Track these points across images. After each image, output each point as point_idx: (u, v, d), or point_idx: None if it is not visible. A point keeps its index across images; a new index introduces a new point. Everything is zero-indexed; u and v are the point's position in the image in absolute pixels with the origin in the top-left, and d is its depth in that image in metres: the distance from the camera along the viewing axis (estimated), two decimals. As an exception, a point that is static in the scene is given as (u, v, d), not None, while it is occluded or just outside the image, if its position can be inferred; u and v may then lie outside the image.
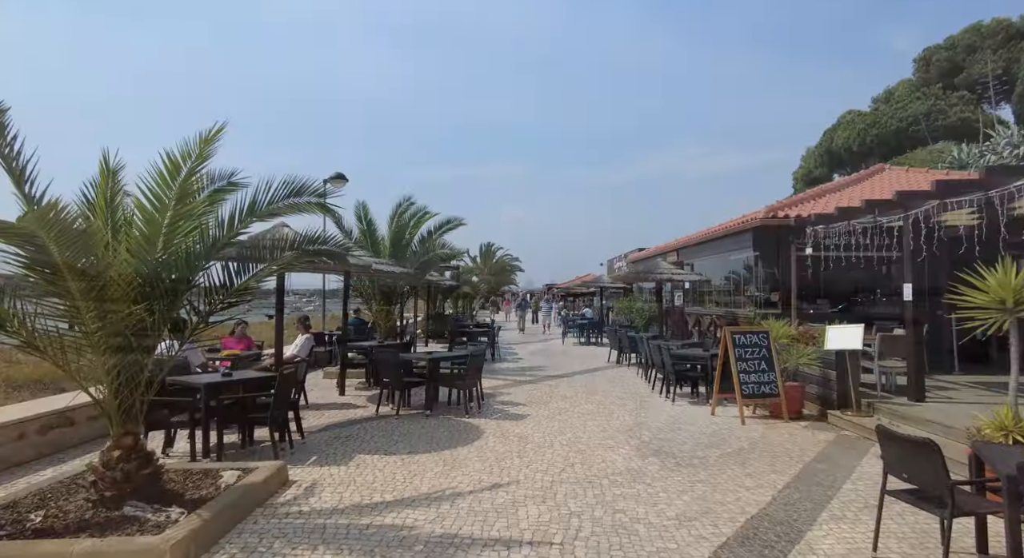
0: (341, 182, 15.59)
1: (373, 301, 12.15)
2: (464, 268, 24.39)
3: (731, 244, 12.76)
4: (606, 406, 8.87)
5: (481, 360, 8.40)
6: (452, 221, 12.60)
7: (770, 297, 11.74)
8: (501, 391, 10.22)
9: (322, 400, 9.24)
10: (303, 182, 4.39)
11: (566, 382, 11.29)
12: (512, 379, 11.67)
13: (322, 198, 4.54)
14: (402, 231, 12.16)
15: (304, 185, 4.41)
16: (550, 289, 66.69)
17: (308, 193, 4.47)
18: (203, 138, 3.98)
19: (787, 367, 8.14)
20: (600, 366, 13.83)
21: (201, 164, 4.15)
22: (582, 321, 21.53)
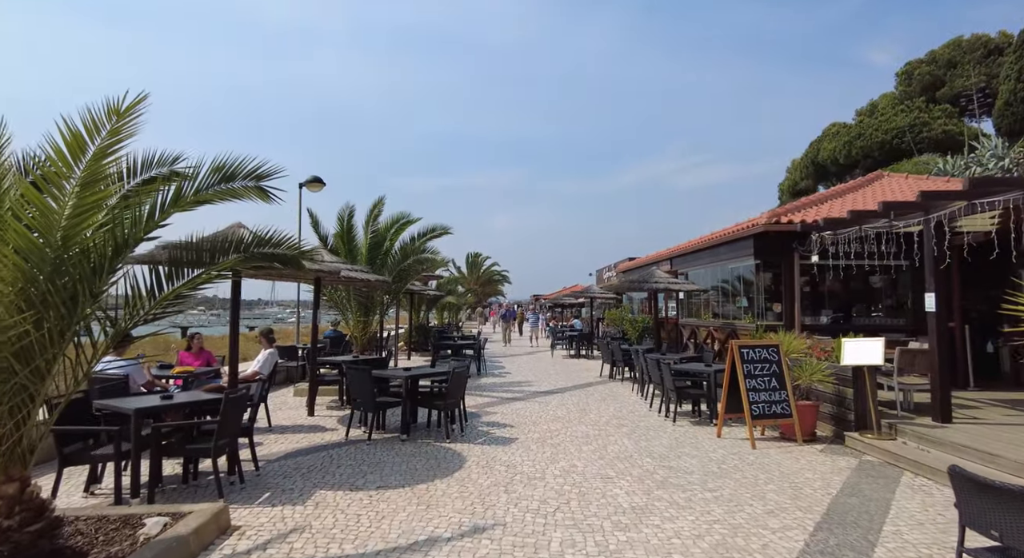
0: (318, 186, 14.79)
1: (349, 312, 11.30)
2: (450, 278, 23.57)
3: (730, 252, 12.13)
4: (601, 427, 8.10)
5: (464, 377, 7.61)
6: (436, 229, 11.84)
7: (772, 308, 11.10)
8: (487, 410, 9.41)
9: (288, 422, 8.36)
10: (237, 162, 3.60)
11: (557, 399, 10.51)
12: (499, 396, 10.86)
13: (260, 180, 3.74)
14: (380, 237, 11.35)
15: (238, 167, 3.61)
16: (537, 300, 66.07)
17: (244, 177, 3.67)
18: (114, 108, 3.18)
19: (799, 384, 7.44)
20: (592, 381, 13.07)
21: (116, 143, 3.35)
22: (571, 333, 20.78)
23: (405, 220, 11.46)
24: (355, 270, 8.39)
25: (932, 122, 55.15)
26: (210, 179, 3.56)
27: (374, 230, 11.30)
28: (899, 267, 11.04)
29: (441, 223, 11.79)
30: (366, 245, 11.26)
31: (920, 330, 10.42)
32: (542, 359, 18.34)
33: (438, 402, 7.19)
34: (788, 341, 7.72)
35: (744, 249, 11.35)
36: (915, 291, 11.22)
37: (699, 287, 11.87)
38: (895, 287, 11.83)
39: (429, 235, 11.75)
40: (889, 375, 7.63)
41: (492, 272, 58.70)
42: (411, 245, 11.48)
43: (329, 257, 8.71)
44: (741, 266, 11.86)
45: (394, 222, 11.39)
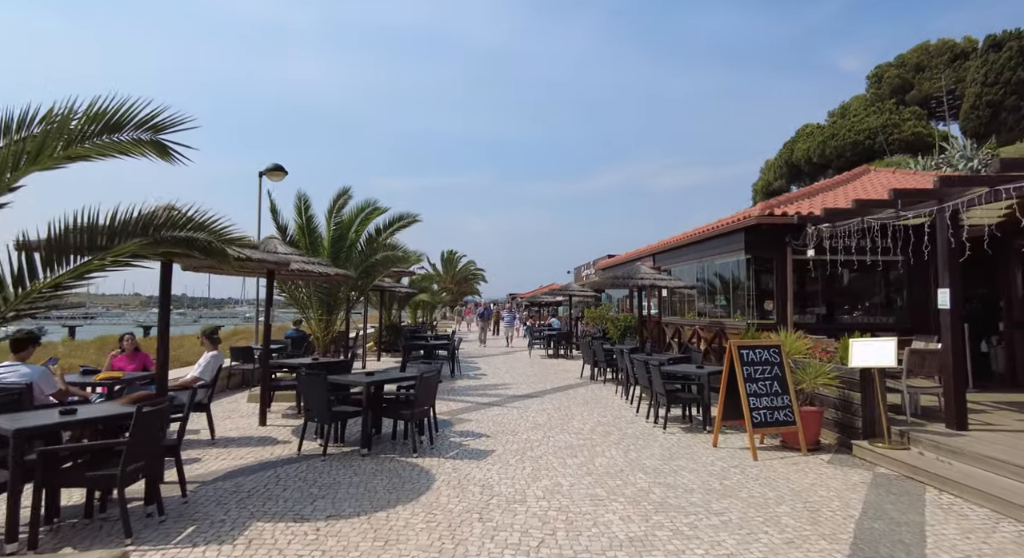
0: (279, 174, 13.77)
1: (311, 310, 10.35)
2: (424, 275, 22.64)
3: (718, 247, 11.53)
4: (586, 436, 7.37)
5: (434, 382, 6.79)
6: (404, 217, 10.94)
7: (763, 305, 10.53)
8: (460, 417, 8.60)
9: (235, 432, 7.41)
10: (125, 107, 2.72)
11: (536, 404, 9.75)
12: (474, 401, 10.06)
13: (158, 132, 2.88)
14: (344, 228, 10.41)
15: (127, 114, 2.74)
16: (514, 298, 65.30)
17: (136, 126, 2.80)
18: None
19: (802, 388, 6.81)
20: (573, 383, 12.35)
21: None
22: (549, 332, 20.07)
23: (371, 208, 10.53)
24: (311, 262, 7.48)
25: (902, 124, 56.09)
26: (87, 128, 2.67)
27: (337, 221, 10.35)
28: (892, 263, 10.59)
29: (409, 211, 10.92)
30: (329, 238, 10.31)
31: (919, 329, 9.96)
32: (519, 360, 17.58)
33: (404, 411, 6.35)
34: (790, 341, 7.09)
35: (734, 243, 10.76)
36: (911, 287, 10.79)
37: (687, 284, 11.26)
38: (884, 284, 11.39)
39: (397, 224, 10.85)
40: (895, 377, 7.06)
41: (468, 270, 57.67)
42: (377, 237, 10.56)
43: (284, 248, 7.79)
44: (730, 261, 11.27)
45: (359, 211, 10.45)
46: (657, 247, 15.42)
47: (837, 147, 56.50)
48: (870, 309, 11.45)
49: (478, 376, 13.34)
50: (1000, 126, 49.69)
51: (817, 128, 61.80)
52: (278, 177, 13.67)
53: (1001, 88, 49.80)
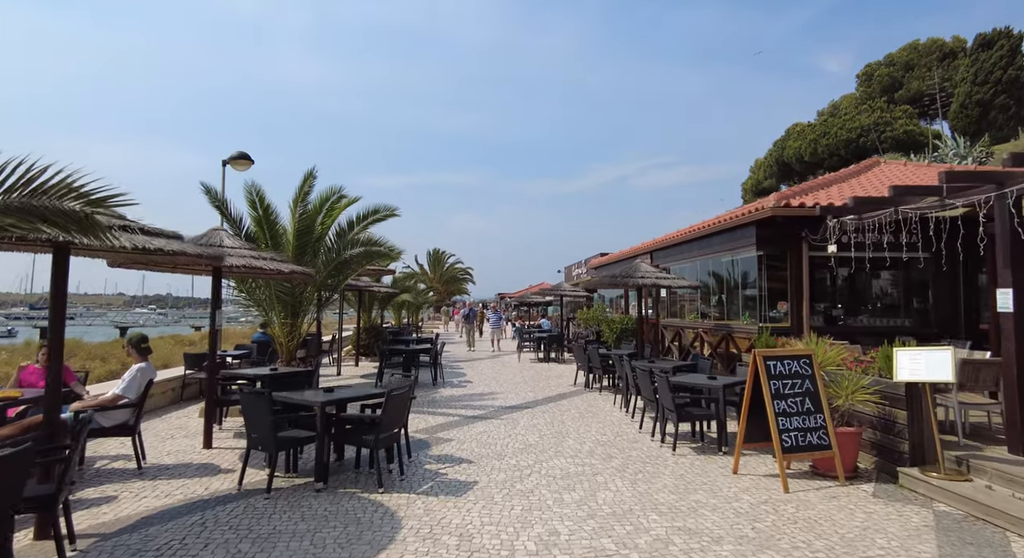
0: (245, 163, 12.60)
1: (273, 312, 9.22)
2: (407, 274, 21.47)
3: (725, 243, 10.55)
4: (585, 460, 6.33)
5: (406, 399, 5.72)
6: (380, 210, 9.82)
7: (777, 307, 9.57)
8: (440, 435, 7.53)
9: (172, 458, 6.28)
10: None
11: (526, 417, 8.69)
12: (456, 413, 8.99)
13: None
14: (310, 221, 9.27)
15: None
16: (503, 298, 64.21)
17: None
18: None
19: (837, 406, 5.83)
20: (565, 391, 11.32)
21: None
22: (540, 334, 19.03)
23: (338, 196, 9.39)
24: (261, 257, 6.36)
25: (893, 122, 55.81)
26: None
27: (302, 212, 9.21)
28: (915, 261, 9.69)
29: (386, 203, 9.80)
30: (293, 231, 9.18)
31: (946, 334, 9.06)
32: (508, 364, 16.52)
33: (367, 436, 5.26)
34: (821, 350, 6.10)
35: (744, 239, 9.79)
36: (937, 288, 9.88)
37: (691, 283, 10.28)
38: (905, 283, 10.49)
39: (372, 217, 9.73)
40: (941, 391, 6.10)
41: (456, 269, 56.58)
42: (349, 231, 9.42)
43: (232, 242, 6.66)
44: (740, 258, 10.30)
45: (324, 200, 9.31)
46: (655, 244, 14.45)
47: (829, 145, 56.04)
48: (883, 311, 10.55)
49: (463, 384, 12.27)
50: (990, 125, 49.52)
51: (808, 127, 61.37)
52: (243, 166, 12.49)
53: (991, 87, 49.63)
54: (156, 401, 9.20)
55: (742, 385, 7.18)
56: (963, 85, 52.05)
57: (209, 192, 8.67)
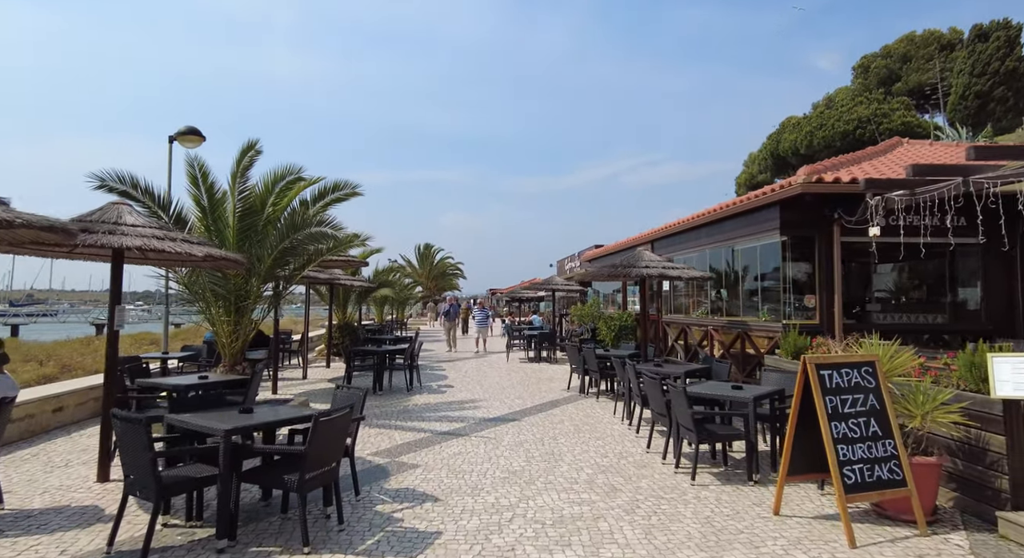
0: (194, 139, 11.11)
1: (212, 307, 7.78)
2: (390, 267, 20.02)
3: (742, 227, 9.22)
4: (583, 496, 4.97)
5: (343, 426, 4.31)
6: (341, 186, 8.36)
7: (804, 301, 8.25)
8: (404, 459, 6.15)
9: (46, 498, 4.84)
10: None
11: (512, 434, 7.33)
12: (429, 428, 7.61)
13: None
14: (258, 201, 7.82)
15: None
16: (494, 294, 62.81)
17: None
18: None
19: (911, 429, 4.50)
20: (558, 398, 9.96)
21: None
22: (530, 331, 17.67)
23: (294, 176, 7.94)
24: (168, 237, 4.92)
25: (891, 113, 54.85)
26: None
27: (243, 190, 7.74)
28: (966, 248, 8.39)
29: (346, 179, 8.33)
30: (233, 211, 7.73)
31: (1001, 333, 7.79)
32: (495, 365, 15.13)
33: (290, 476, 3.86)
34: (886, 355, 4.76)
35: (765, 222, 8.45)
36: (988, 279, 8.60)
37: (704, 274, 8.91)
38: (949, 274, 9.20)
39: (331, 196, 8.28)
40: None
41: (445, 265, 55.12)
42: (304, 213, 7.97)
43: (134, 219, 5.22)
44: (759, 245, 8.98)
45: (277, 179, 7.86)
46: (657, 233, 13.11)
47: (825, 137, 55.04)
48: (924, 306, 9.27)
49: (442, 389, 10.88)
50: (987, 117, 48.68)
51: (804, 119, 60.33)
52: (193, 143, 10.98)
53: (989, 79, 48.78)
54: (75, 413, 7.77)
55: (774, 397, 5.86)
56: (961, 77, 51.18)
57: (123, 179, 7.12)
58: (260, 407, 4.76)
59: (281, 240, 7.52)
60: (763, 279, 9.00)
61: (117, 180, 7.36)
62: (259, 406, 4.83)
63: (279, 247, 7.55)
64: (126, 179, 7.44)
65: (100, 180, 7.22)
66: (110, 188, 7.31)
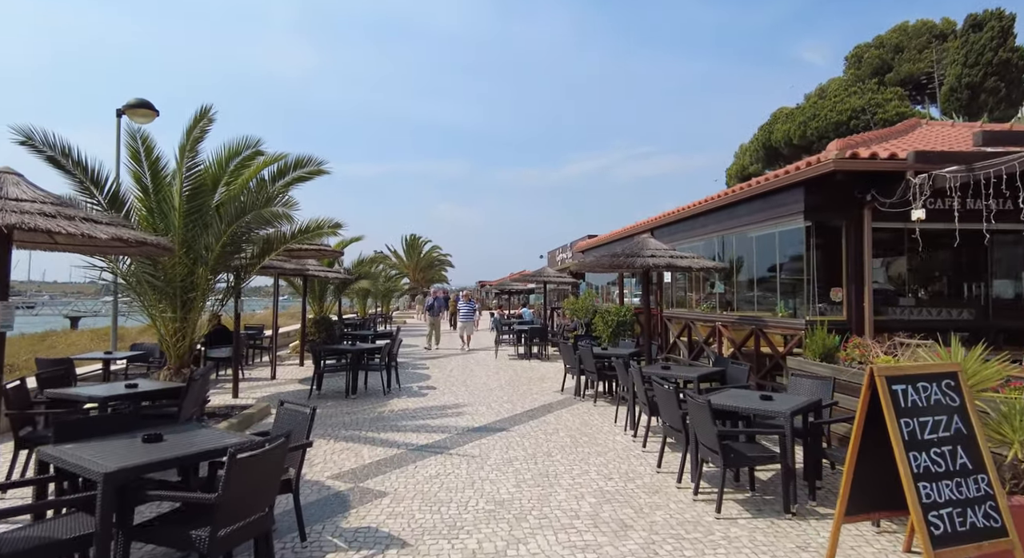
0: (146, 114, 9.90)
1: (149, 301, 6.68)
2: (372, 258, 18.89)
3: (758, 212, 8.26)
4: (587, 536, 4.00)
5: (278, 458, 3.28)
6: (304, 162, 7.21)
7: (830, 295, 7.32)
8: (370, 484, 5.14)
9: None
10: None
11: (500, 447, 6.34)
12: (404, 441, 6.60)
13: None
14: (206, 179, 6.71)
15: None
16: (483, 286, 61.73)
17: None
18: None
19: (1007, 461, 3.56)
20: (551, 401, 8.99)
21: None
22: (520, 325, 16.69)
23: (252, 150, 6.80)
24: (62, 216, 3.84)
25: (885, 104, 54.35)
26: None
27: (193, 167, 6.63)
28: (1009, 234, 7.50)
29: (311, 154, 7.19)
30: (179, 191, 6.61)
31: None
32: (482, 363, 14.13)
33: (198, 531, 2.82)
34: (970, 365, 3.81)
35: (786, 205, 7.49)
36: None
37: (717, 264, 7.91)
38: (985, 263, 8.32)
39: (293, 175, 7.17)
40: None
41: (433, 256, 53.92)
42: (261, 192, 6.85)
43: (19, 192, 4.12)
44: (778, 232, 8.03)
45: (231, 154, 6.73)
46: (656, 221, 12.15)
47: (819, 128, 54.44)
48: (947, 300, 8.39)
49: (423, 391, 9.86)
50: (980, 108, 48.29)
51: (797, 109, 59.71)
52: (145, 118, 9.77)
53: (981, 69, 48.31)
54: (-9, 426, 6.63)
55: (812, 409, 4.92)
56: (953, 67, 50.73)
57: (31, 132, 5.96)
58: (179, 432, 3.71)
59: (230, 224, 6.42)
60: (782, 270, 8.07)
61: (47, 144, 6.21)
62: (179, 430, 3.78)
63: (227, 231, 6.46)
64: (56, 145, 6.29)
65: (26, 136, 6.07)
66: (37, 149, 6.17)
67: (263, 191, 6.77)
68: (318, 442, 6.52)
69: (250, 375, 11.69)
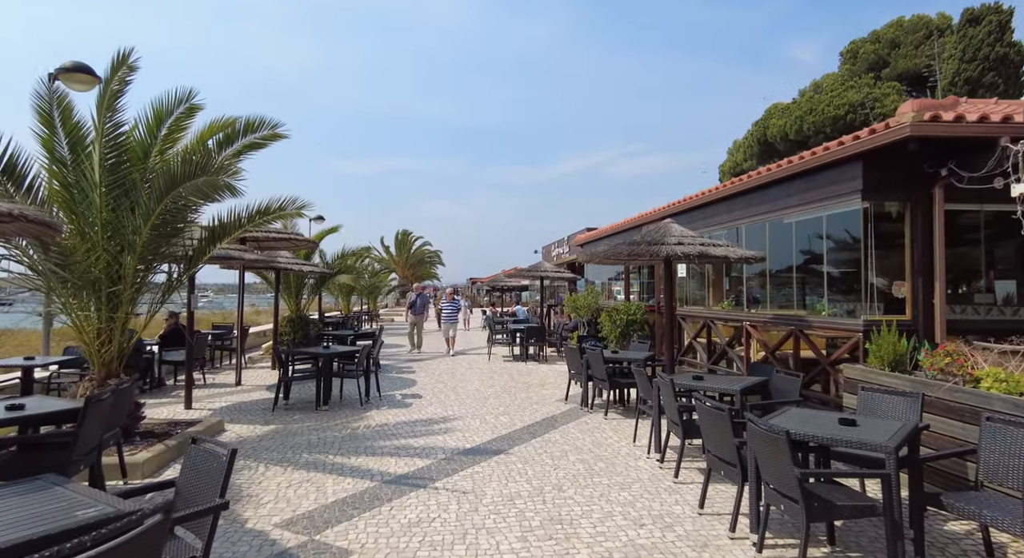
0: (86, 80, 8.52)
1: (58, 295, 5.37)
2: (356, 251, 17.55)
3: (798, 194, 7.07)
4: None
5: (157, 541, 2.04)
6: (255, 124, 5.91)
7: (893, 290, 6.16)
8: (328, 536, 3.90)
9: None
10: None
11: (497, 479, 5.11)
12: (379, 470, 5.35)
13: None
14: (130, 147, 5.40)
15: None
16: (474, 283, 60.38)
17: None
18: None
19: None
20: (555, 413, 7.78)
21: None
22: (515, 324, 15.47)
23: (187, 105, 5.50)
24: None
25: (883, 98, 53.69)
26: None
27: (114, 132, 5.32)
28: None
29: (266, 116, 5.89)
30: (99, 160, 5.31)
31: None
32: (474, 366, 12.88)
33: None
34: None
35: (838, 184, 6.31)
36: None
37: (758, 255, 6.67)
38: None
39: (243, 141, 5.86)
40: None
41: (424, 252, 52.60)
42: (204, 162, 5.52)
43: None
44: (826, 216, 6.85)
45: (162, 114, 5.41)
46: (669, 209, 10.94)
47: (815, 122, 53.71)
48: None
49: (406, 401, 8.61)
50: (977, 104, 47.68)
51: (793, 104, 58.95)
52: (84, 85, 8.40)
53: (979, 65, 47.69)
54: None
55: (913, 439, 3.75)
56: (950, 62, 50.11)
57: None
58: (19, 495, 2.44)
59: (160, 199, 5.13)
60: (828, 261, 6.90)
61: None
62: (20, 492, 2.51)
63: (158, 210, 5.17)
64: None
65: None
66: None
67: (206, 160, 5.45)
68: (272, 471, 5.27)
69: (214, 380, 10.39)
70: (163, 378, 9.81)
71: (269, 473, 5.21)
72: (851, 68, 68.35)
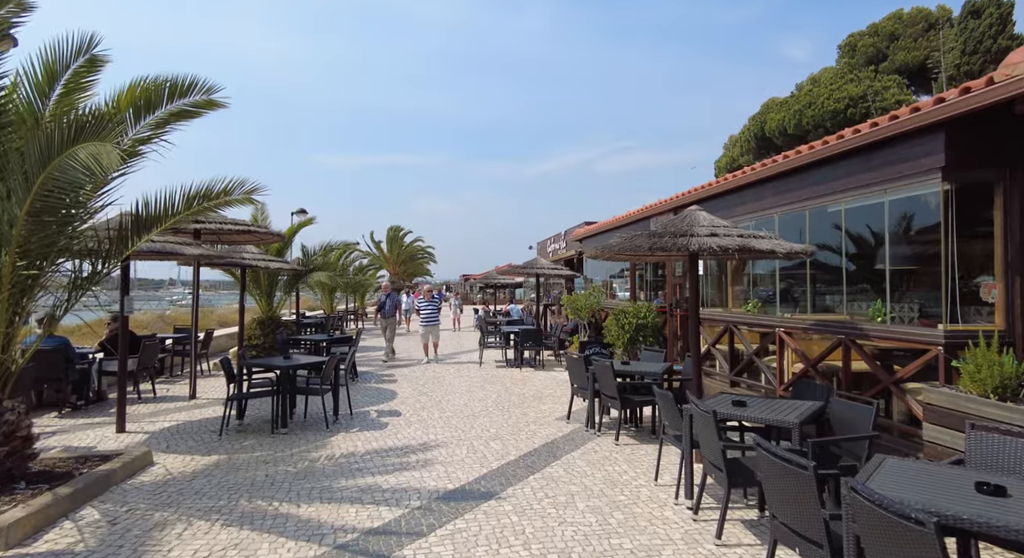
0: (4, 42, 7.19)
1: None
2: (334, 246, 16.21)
3: (854, 174, 5.85)
4: None
5: None
6: (185, 86, 4.68)
7: (980, 292, 4.99)
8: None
9: None
10: None
11: (486, 539, 3.89)
12: (336, 524, 4.12)
13: None
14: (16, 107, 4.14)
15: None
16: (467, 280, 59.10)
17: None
18: None
19: None
20: (555, 436, 6.57)
21: None
22: (508, 327, 14.23)
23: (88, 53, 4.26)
24: None
25: (884, 91, 52.77)
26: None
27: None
28: None
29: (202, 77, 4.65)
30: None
31: None
32: (463, 374, 11.64)
33: None
34: None
35: (910, 161, 5.11)
36: None
37: (808, 248, 5.47)
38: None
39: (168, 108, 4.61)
40: None
41: (415, 248, 51.29)
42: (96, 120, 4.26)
43: None
44: (888, 201, 5.65)
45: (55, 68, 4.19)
46: (686, 197, 9.72)
47: (815, 116, 52.71)
48: None
49: (382, 420, 7.37)
50: (978, 98, 46.89)
51: (791, 98, 57.95)
52: (0, 48, 7.10)
53: (980, 58, 46.82)
54: None
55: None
56: (951, 55, 49.21)
57: None
58: None
59: (35, 175, 3.86)
60: (890, 255, 5.71)
61: None
62: None
63: (36, 189, 3.91)
64: None
65: None
66: None
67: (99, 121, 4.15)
68: (193, 530, 4.04)
69: (168, 392, 9.12)
70: (104, 391, 8.53)
71: (188, 533, 3.98)
72: (849, 61, 67.38)
